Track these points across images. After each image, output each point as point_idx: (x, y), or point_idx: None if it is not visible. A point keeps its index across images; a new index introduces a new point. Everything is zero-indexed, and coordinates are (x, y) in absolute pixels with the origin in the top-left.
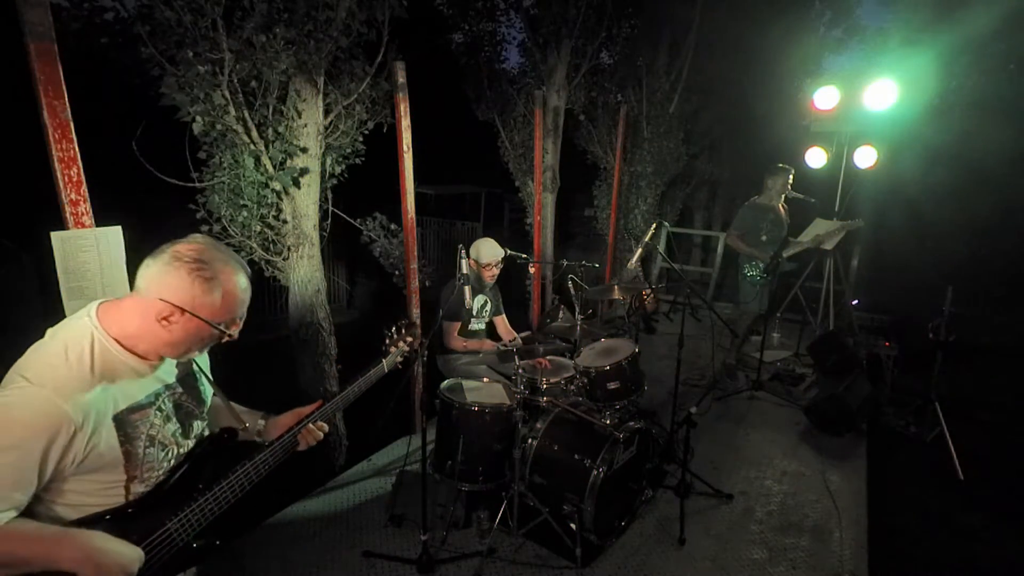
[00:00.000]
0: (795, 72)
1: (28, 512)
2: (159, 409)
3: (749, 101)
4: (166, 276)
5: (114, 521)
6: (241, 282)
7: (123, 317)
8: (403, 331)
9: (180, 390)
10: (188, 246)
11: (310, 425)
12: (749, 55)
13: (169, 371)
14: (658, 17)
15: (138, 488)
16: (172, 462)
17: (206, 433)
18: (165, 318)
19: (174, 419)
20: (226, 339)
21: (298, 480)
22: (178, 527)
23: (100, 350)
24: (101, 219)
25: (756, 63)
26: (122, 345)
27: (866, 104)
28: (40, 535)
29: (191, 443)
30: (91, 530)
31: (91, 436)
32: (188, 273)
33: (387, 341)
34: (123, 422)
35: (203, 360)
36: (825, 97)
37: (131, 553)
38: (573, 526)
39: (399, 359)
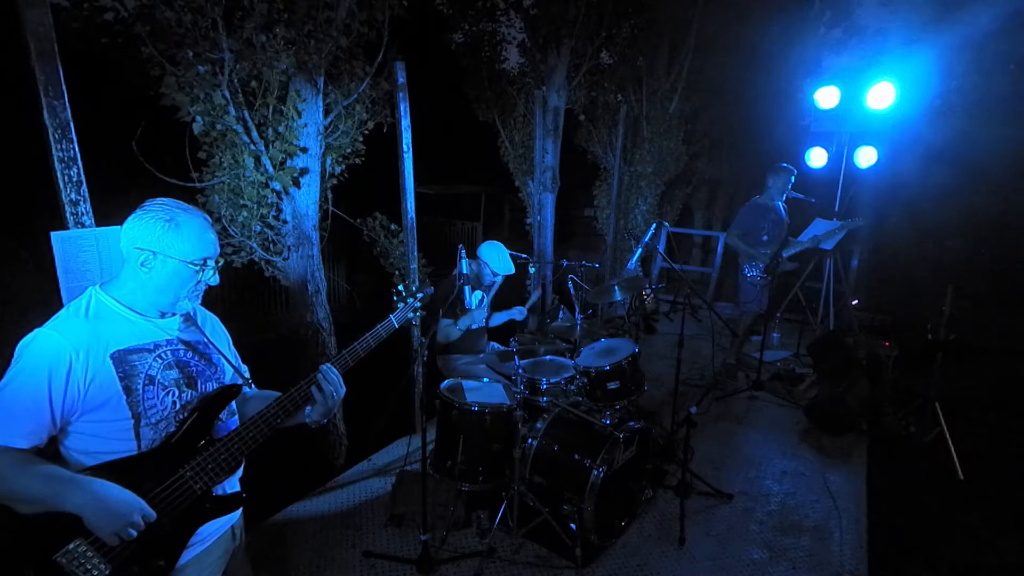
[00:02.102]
0: (795, 72)
1: (56, 458)
2: (159, 356)
3: (749, 101)
4: (134, 228)
5: (130, 468)
6: (200, 222)
7: (118, 281)
8: (412, 288)
9: (184, 348)
10: (149, 203)
11: (320, 376)
12: (749, 55)
13: (170, 329)
14: (658, 17)
15: (147, 433)
16: (177, 406)
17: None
18: (143, 263)
19: (176, 369)
20: (203, 279)
21: (298, 480)
22: (192, 474)
23: (95, 302)
24: (101, 219)
25: (756, 63)
26: (120, 302)
27: (866, 104)
28: (52, 476)
29: (195, 393)
30: (100, 478)
31: (88, 366)
32: (150, 219)
33: (395, 297)
34: (121, 360)
35: (221, 339)
36: (825, 97)
37: (134, 503)
38: (573, 526)
39: (411, 314)
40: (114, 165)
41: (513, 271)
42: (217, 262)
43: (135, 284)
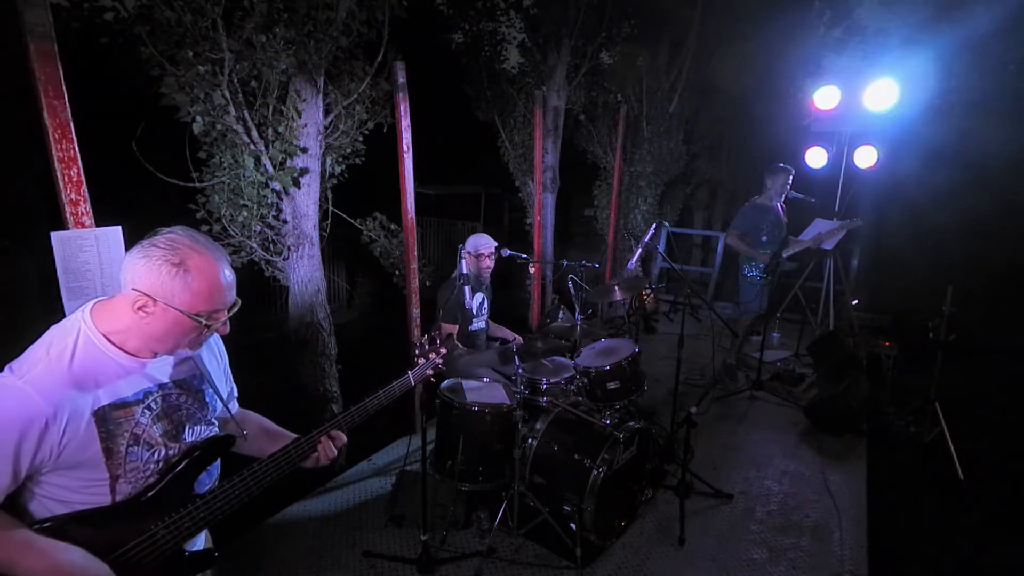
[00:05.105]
0: (795, 72)
1: (18, 503)
2: (148, 408)
3: (749, 101)
4: (137, 265)
5: (99, 522)
6: (215, 269)
7: (113, 314)
8: (436, 342)
9: (177, 391)
10: (162, 236)
11: (324, 437)
12: (749, 55)
13: (164, 370)
14: (658, 17)
15: (124, 488)
16: (161, 464)
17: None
18: (141, 308)
19: (165, 420)
20: (209, 332)
21: (298, 480)
22: (166, 533)
23: (84, 344)
24: (101, 219)
25: (756, 63)
26: (111, 341)
27: (866, 104)
28: (7, 539)
29: (183, 446)
30: (62, 542)
31: (65, 429)
32: (156, 259)
33: (416, 352)
34: (105, 418)
35: (215, 367)
36: (825, 97)
37: (96, 571)
38: (573, 526)
39: (430, 372)
40: (114, 165)
41: (491, 245)
42: (232, 308)
43: (132, 327)
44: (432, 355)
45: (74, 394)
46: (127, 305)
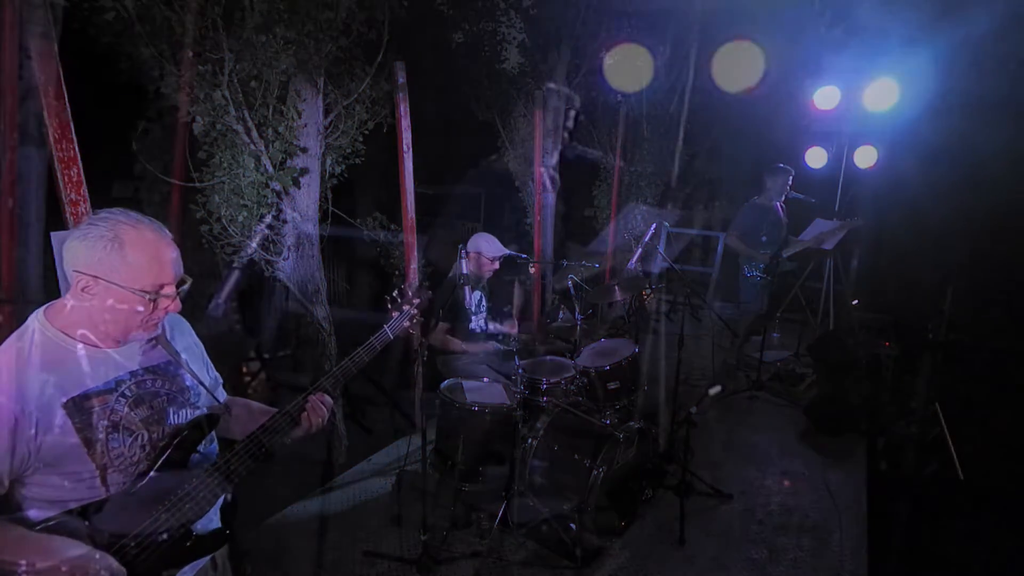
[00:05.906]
0: (795, 72)
1: (14, 509)
2: (122, 395)
3: (749, 101)
4: (76, 247)
5: (98, 515)
6: (153, 243)
7: (65, 307)
8: (408, 294)
9: (151, 377)
10: (98, 216)
11: (311, 398)
12: (749, 54)
13: (132, 357)
14: (658, 17)
15: (116, 478)
16: (148, 449)
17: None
18: (84, 289)
19: (144, 406)
20: (158, 309)
21: (298, 480)
22: (169, 515)
23: (40, 340)
24: None
25: (756, 63)
26: (69, 335)
27: (866, 104)
28: (5, 539)
29: (167, 429)
30: (59, 536)
31: (37, 424)
32: (92, 238)
33: (390, 305)
34: (78, 408)
35: (193, 356)
36: (825, 97)
37: (98, 564)
38: (573, 526)
39: (407, 323)
40: (114, 164)
41: (499, 252)
42: (182, 283)
43: (84, 315)
44: (406, 307)
45: (37, 389)
46: (74, 292)
